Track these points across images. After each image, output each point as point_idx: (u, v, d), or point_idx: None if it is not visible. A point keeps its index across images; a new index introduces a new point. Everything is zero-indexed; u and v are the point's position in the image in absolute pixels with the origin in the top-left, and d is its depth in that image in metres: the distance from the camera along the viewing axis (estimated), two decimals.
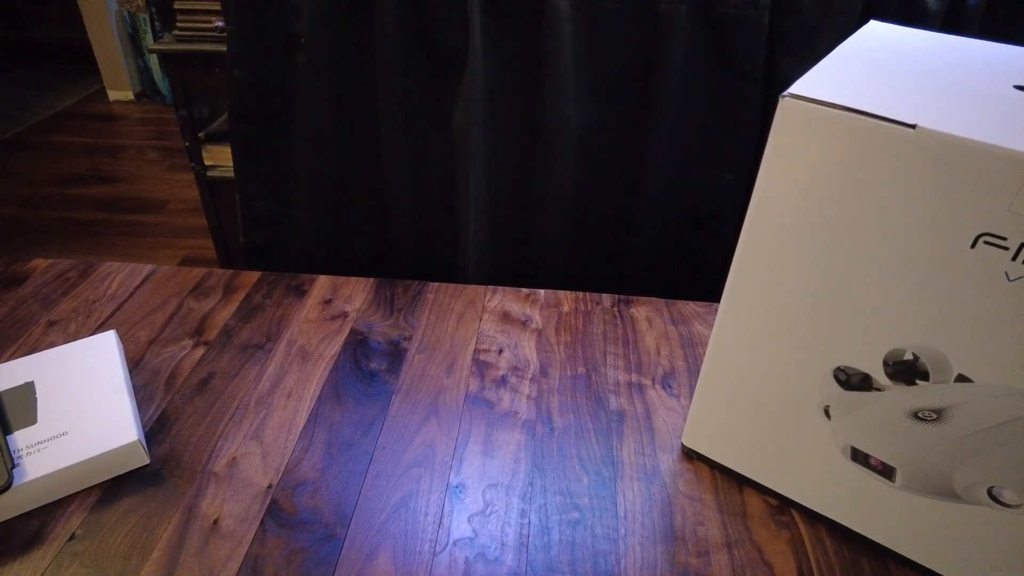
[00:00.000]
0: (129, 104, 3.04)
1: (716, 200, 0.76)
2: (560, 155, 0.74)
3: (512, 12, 0.68)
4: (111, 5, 2.87)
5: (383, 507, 0.45)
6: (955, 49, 0.40)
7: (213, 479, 0.47)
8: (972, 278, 0.32)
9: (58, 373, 0.51)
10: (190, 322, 0.61)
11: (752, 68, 0.69)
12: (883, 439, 0.39)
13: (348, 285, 0.67)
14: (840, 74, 0.35)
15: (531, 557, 0.42)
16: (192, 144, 1.46)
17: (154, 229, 2.12)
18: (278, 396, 0.54)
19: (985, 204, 0.30)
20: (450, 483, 0.47)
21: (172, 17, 1.37)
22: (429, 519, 0.45)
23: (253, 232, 0.84)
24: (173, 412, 0.52)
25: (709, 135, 0.73)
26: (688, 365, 0.58)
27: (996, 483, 0.36)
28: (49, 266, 0.68)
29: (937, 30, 0.45)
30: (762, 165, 0.36)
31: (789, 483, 0.45)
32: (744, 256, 0.39)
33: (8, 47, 3.33)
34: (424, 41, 0.70)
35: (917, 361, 0.36)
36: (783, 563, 0.43)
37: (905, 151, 0.31)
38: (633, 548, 0.43)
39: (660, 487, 0.47)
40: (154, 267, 0.68)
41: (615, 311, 0.65)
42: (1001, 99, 0.33)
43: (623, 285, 0.77)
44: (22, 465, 0.43)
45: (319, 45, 0.71)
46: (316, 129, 0.76)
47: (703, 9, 0.66)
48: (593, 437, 0.51)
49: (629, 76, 0.71)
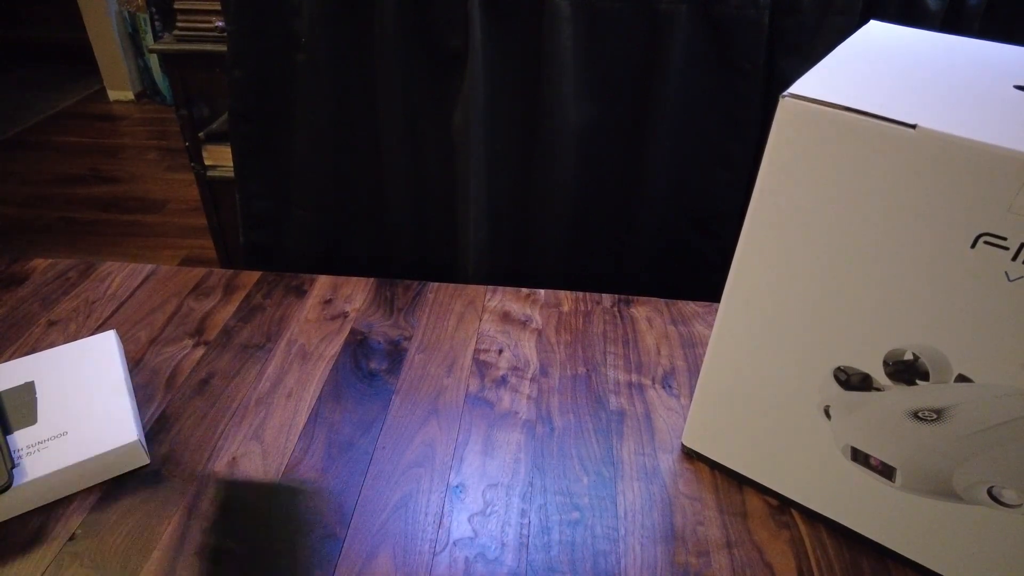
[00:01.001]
0: (129, 104, 3.04)
1: (716, 200, 0.76)
2: (560, 155, 0.74)
3: (512, 12, 0.68)
4: (111, 5, 2.87)
5: (383, 507, 0.45)
6: (955, 49, 0.40)
7: (213, 479, 0.47)
8: (972, 278, 0.32)
9: (58, 373, 0.51)
10: (190, 322, 0.61)
11: (752, 68, 0.69)
12: (883, 439, 0.39)
13: (348, 285, 0.67)
14: (840, 74, 0.35)
15: (531, 557, 0.42)
16: (192, 144, 1.46)
17: (154, 229, 2.13)
18: (278, 396, 0.54)
19: (985, 204, 0.30)
20: (450, 483, 0.47)
21: (172, 17, 1.37)
22: (429, 519, 0.45)
23: (253, 232, 0.84)
24: (173, 412, 0.52)
25: (709, 135, 0.73)
26: (688, 365, 0.58)
27: (996, 483, 0.36)
28: (49, 266, 0.68)
29: (937, 30, 0.45)
30: (762, 165, 0.36)
31: (789, 483, 0.45)
32: (744, 256, 0.39)
33: (8, 47, 3.33)
34: (424, 41, 0.70)
35: (917, 361, 0.36)
36: (783, 563, 0.43)
37: (905, 151, 0.31)
38: (633, 548, 0.43)
39: (660, 487, 0.47)
40: (154, 267, 0.68)
41: (615, 311, 0.65)
42: (1001, 99, 0.33)
43: (623, 285, 0.77)
44: (22, 465, 0.43)
45: (319, 45, 0.71)
46: (316, 128, 0.76)
47: (703, 9, 0.66)
48: (593, 437, 0.51)
49: (629, 76, 0.70)
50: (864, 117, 0.31)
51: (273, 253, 0.86)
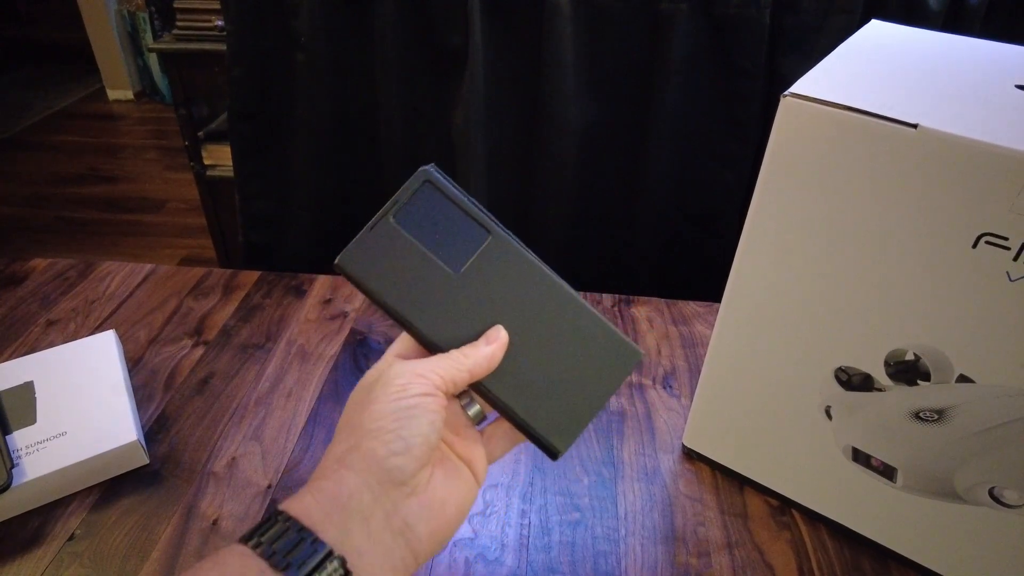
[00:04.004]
0: (129, 103, 3.04)
1: (717, 199, 0.76)
2: (560, 155, 0.74)
3: (512, 11, 0.68)
4: (111, 4, 2.87)
5: None
6: (957, 49, 0.40)
7: (212, 479, 0.47)
8: (973, 278, 0.32)
9: (57, 373, 0.51)
10: (189, 322, 0.61)
11: (753, 67, 0.68)
12: (884, 439, 0.39)
13: (348, 285, 0.67)
14: (841, 73, 0.35)
15: (531, 558, 0.42)
16: (192, 143, 1.45)
17: (154, 229, 2.12)
18: (278, 396, 0.54)
19: (986, 204, 0.30)
20: None
21: (172, 16, 1.37)
22: None
23: (253, 231, 0.84)
24: (172, 412, 0.52)
25: (710, 134, 0.73)
26: (689, 365, 0.58)
27: (998, 483, 0.36)
28: (48, 266, 0.68)
29: (939, 30, 0.45)
30: (763, 165, 0.36)
31: (790, 484, 0.45)
32: (745, 256, 0.39)
33: (8, 46, 3.33)
34: (424, 41, 0.70)
35: (918, 361, 0.35)
36: (784, 564, 0.42)
37: (906, 151, 0.31)
38: (634, 549, 0.43)
39: (661, 488, 0.47)
40: (153, 267, 0.68)
41: (616, 311, 0.65)
42: (1003, 99, 0.33)
43: (623, 285, 0.77)
44: (21, 465, 0.43)
45: (319, 44, 0.71)
46: (316, 128, 0.76)
47: (704, 8, 0.66)
48: (593, 437, 0.51)
49: (630, 75, 0.70)
50: (865, 116, 0.31)
51: (272, 253, 0.86)
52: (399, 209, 0.31)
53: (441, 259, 0.31)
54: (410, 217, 0.31)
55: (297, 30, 0.71)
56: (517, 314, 0.31)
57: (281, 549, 0.24)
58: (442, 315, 0.30)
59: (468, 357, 0.29)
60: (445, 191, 0.31)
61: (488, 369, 0.30)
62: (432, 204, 0.31)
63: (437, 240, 0.31)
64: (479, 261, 0.31)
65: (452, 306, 0.30)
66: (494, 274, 0.31)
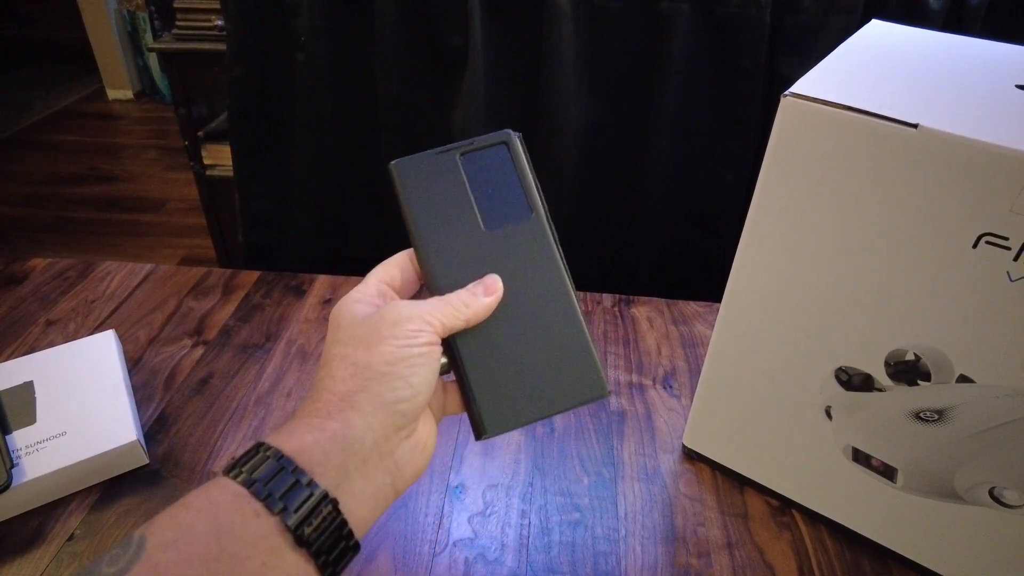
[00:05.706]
0: (128, 103, 3.04)
1: (717, 199, 0.76)
2: (560, 154, 0.74)
3: (512, 11, 0.68)
4: (110, 4, 2.86)
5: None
6: (957, 49, 0.40)
7: (212, 479, 0.47)
8: (974, 278, 0.32)
9: (57, 373, 0.51)
10: (189, 322, 0.61)
11: (753, 67, 0.68)
12: (884, 440, 0.39)
13: (348, 285, 0.67)
14: (842, 73, 0.35)
15: (531, 558, 0.42)
16: (191, 143, 1.45)
17: (153, 228, 2.12)
18: (277, 396, 0.54)
19: (987, 204, 0.30)
20: (450, 483, 0.47)
21: (172, 16, 1.37)
22: (429, 519, 0.44)
23: (252, 231, 0.84)
24: (172, 412, 0.52)
25: (710, 134, 0.73)
26: (689, 365, 0.58)
27: (998, 484, 0.36)
28: (48, 265, 0.68)
29: (939, 30, 0.45)
30: (763, 165, 0.36)
31: (790, 484, 0.45)
32: (745, 256, 0.39)
33: (8, 46, 3.33)
34: (424, 40, 0.70)
35: (919, 361, 0.35)
36: (784, 564, 0.42)
37: (907, 151, 0.31)
38: (634, 549, 0.43)
39: (661, 488, 0.47)
40: (153, 266, 0.68)
41: (616, 311, 0.65)
42: (1003, 99, 0.33)
43: (623, 285, 0.77)
44: (21, 465, 0.43)
45: (319, 44, 0.71)
46: (316, 128, 0.76)
47: (704, 8, 0.66)
48: (593, 437, 0.51)
49: (630, 75, 0.70)
50: (866, 116, 0.31)
51: (272, 253, 0.86)
52: (470, 151, 0.32)
53: (481, 212, 0.32)
54: (475, 163, 0.32)
55: (297, 30, 0.71)
56: (517, 295, 0.31)
57: (276, 490, 0.24)
58: (454, 259, 0.31)
59: (468, 307, 0.29)
60: (516, 159, 0.33)
61: (481, 319, 0.30)
62: (499, 163, 0.33)
63: (487, 195, 0.32)
64: (511, 231, 0.32)
65: (467, 256, 0.31)
66: (517, 251, 0.32)
